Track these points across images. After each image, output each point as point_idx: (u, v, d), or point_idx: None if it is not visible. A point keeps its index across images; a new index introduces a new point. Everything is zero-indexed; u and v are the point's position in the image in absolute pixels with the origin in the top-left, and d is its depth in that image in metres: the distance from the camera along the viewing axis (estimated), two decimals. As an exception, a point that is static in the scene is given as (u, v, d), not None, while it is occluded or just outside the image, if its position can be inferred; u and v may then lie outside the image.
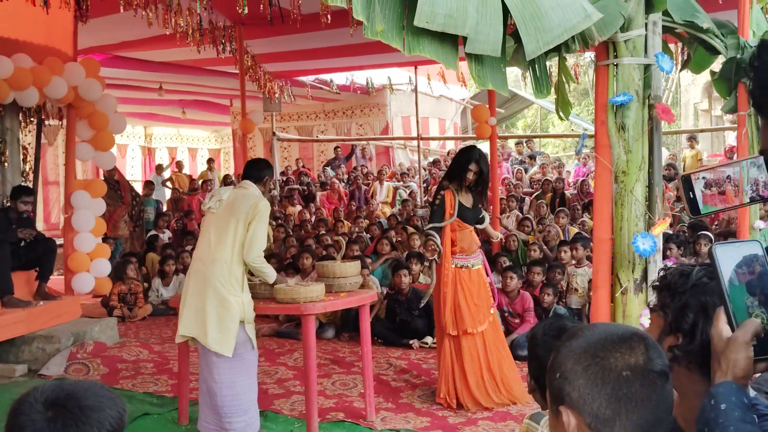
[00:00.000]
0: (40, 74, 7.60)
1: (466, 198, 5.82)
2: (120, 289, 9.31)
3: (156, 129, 22.69)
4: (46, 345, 7.09)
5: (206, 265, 4.83)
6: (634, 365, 1.28)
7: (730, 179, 1.42)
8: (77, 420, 1.46)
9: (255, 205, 4.83)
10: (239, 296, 4.83)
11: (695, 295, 1.53)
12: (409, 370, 6.74)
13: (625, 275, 3.47)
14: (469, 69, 3.05)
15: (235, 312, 4.79)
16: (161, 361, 7.09)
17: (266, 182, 5.12)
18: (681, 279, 1.57)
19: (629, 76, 3.43)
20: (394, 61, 13.05)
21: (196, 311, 4.82)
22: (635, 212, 3.45)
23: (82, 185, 8.63)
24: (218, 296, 4.77)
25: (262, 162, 5.32)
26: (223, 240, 4.80)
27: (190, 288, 4.89)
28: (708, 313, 1.49)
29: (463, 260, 5.78)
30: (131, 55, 11.69)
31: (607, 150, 3.50)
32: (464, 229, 5.79)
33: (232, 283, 4.81)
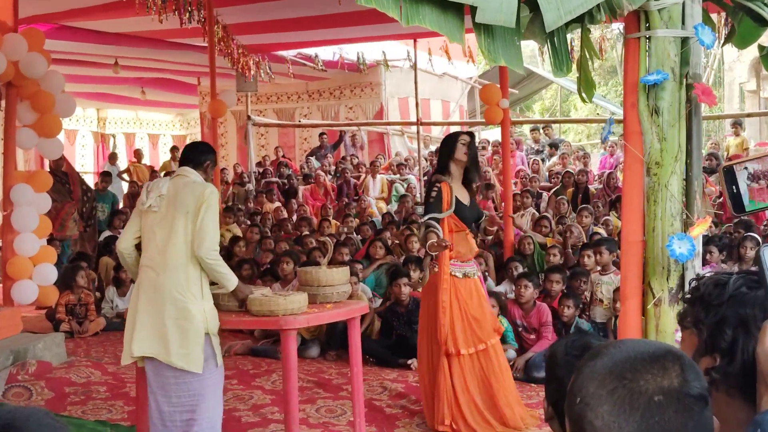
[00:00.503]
0: (-26, 47, 7.57)
1: (463, 194, 5.85)
2: (68, 299, 9.28)
3: (111, 112, 22.65)
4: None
5: (158, 273, 4.77)
6: (668, 388, 1.28)
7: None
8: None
9: (201, 194, 4.78)
10: (200, 304, 4.78)
11: (734, 308, 1.54)
12: (407, 394, 6.75)
13: (658, 284, 3.47)
14: (477, 43, 3.05)
15: (199, 322, 4.74)
16: (116, 384, 7.07)
17: (207, 168, 5.07)
18: (716, 290, 1.57)
19: (664, 52, 3.43)
20: (390, 33, 13.03)
21: (153, 327, 4.75)
22: (670, 210, 3.46)
23: (23, 178, 8.60)
24: (177, 306, 4.71)
25: (202, 145, 5.33)
26: (173, 241, 4.75)
27: (142, 300, 4.82)
28: (749, 328, 1.50)
29: (459, 267, 5.79)
30: (81, 26, 11.66)
31: (638, 137, 3.50)
32: (461, 230, 5.84)
33: (191, 290, 4.76)
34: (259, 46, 13.21)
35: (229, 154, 18.98)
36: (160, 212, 4.85)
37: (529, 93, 23.51)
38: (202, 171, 5.02)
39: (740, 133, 15.55)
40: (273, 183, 15.25)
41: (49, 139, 8.58)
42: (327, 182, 15.10)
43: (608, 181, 12.37)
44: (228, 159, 18.53)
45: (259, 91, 16.09)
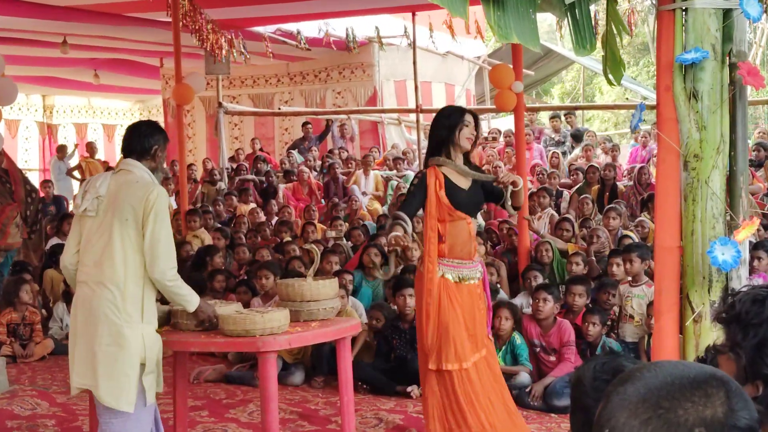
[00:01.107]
0: None
1: (461, 178, 5.61)
2: (10, 318, 9.27)
3: (59, 99, 22.66)
4: None
5: (92, 289, 4.68)
6: (711, 419, 1.28)
7: None
8: None
9: (146, 197, 4.65)
10: (138, 328, 4.69)
11: None
12: (406, 427, 6.76)
13: (698, 296, 3.48)
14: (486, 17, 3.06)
15: (134, 350, 4.65)
16: (66, 417, 7.07)
17: (156, 153, 4.90)
18: (755, 307, 1.58)
19: (703, 26, 3.44)
20: (385, 5, 13.08)
21: (85, 353, 4.70)
22: (712, 210, 3.46)
23: (-44, 176, 8.61)
24: (110, 329, 4.62)
25: (146, 126, 5.10)
26: (109, 253, 4.65)
27: (78, 322, 4.76)
28: None
29: (452, 268, 5.58)
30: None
31: (674, 126, 3.51)
32: (456, 219, 5.55)
33: (127, 310, 4.65)
34: (231, 21, 13.22)
35: (198, 147, 18.99)
36: (97, 217, 4.75)
37: (546, 75, 23.57)
38: (149, 159, 4.89)
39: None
40: (249, 181, 15.25)
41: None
42: (312, 180, 15.11)
43: (640, 177, 12.38)
44: (196, 153, 18.54)
45: (232, 74, 16.13)
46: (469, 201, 5.61)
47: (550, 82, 29.21)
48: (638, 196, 11.93)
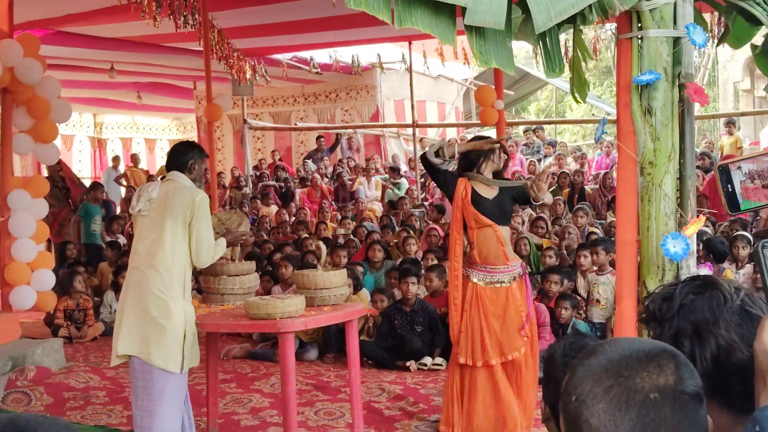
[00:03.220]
0: (-31, 54, 7.57)
1: (487, 189, 5.43)
2: (66, 304, 9.28)
3: (107, 117, 22.64)
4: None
5: (144, 273, 4.86)
6: (664, 386, 1.28)
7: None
8: None
9: (191, 201, 4.83)
10: (181, 303, 4.87)
11: (685, 318, 1.55)
12: (405, 396, 6.75)
13: (653, 283, 3.47)
14: (469, 44, 3.06)
15: (178, 321, 4.82)
16: (115, 389, 7.07)
17: (192, 167, 5.06)
18: (665, 304, 1.59)
19: (656, 52, 3.43)
20: (385, 35, 13.07)
21: (136, 325, 4.84)
22: (664, 209, 3.45)
23: (20, 183, 8.60)
24: (159, 305, 4.80)
25: (183, 146, 5.23)
26: (160, 243, 4.83)
27: (129, 300, 4.91)
28: (702, 335, 1.52)
29: (485, 273, 5.40)
30: (77, 31, 11.66)
31: (632, 137, 3.50)
32: (483, 227, 5.38)
33: (173, 289, 4.84)
34: (254, 50, 13.21)
35: (226, 158, 18.98)
36: (149, 216, 4.93)
37: (524, 94, 23.55)
38: (188, 171, 5.04)
39: (734, 132, 15.58)
40: (270, 186, 15.25)
41: (45, 145, 8.57)
42: (323, 185, 15.10)
43: (604, 182, 12.38)
44: (225, 163, 18.53)
45: (255, 95, 16.13)
46: (493, 209, 5.38)
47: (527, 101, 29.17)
48: (603, 198, 11.94)
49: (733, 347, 1.51)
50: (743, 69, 20.39)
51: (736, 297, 1.56)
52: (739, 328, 1.52)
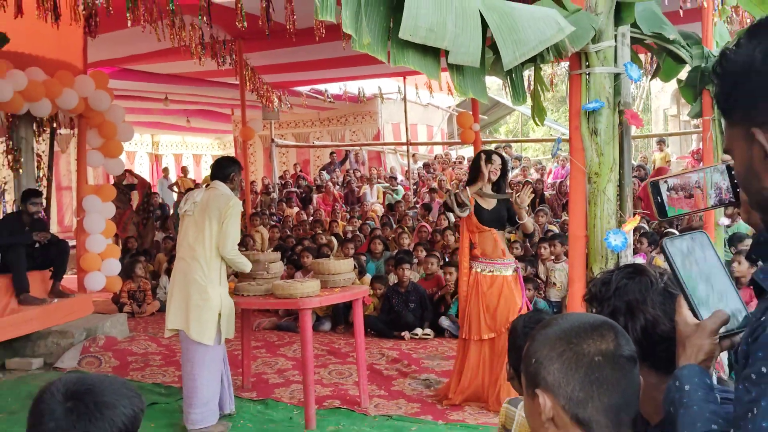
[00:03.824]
0: (52, 86, 7.58)
1: (486, 201, 5.45)
2: (130, 286, 9.29)
3: (162, 137, 22.62)
4: (60, 340, 7.09)
5: (188, 262, 4.90)
6: (605, 351, 1.28)
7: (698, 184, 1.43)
8: (91, 415, 1.46)
9: (226, 204, 4.88)
10: (218, 289, 4.90)
11: (619, 298, 1.56)
12: (401, 359, 6.75)
13: (598, 269, 3.47)
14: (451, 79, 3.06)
15: (214, 303, 4.86)
16: (168, 354, 7.08)
17: (233, 179, 5.10)
18: (604, 287, 1.60)
19: (600, 85, 3.43)
20: (384, 71, 13.04)
21: (180, 305, 4.89)
22: (607, 210, 3.46)
23: (93, 190, 8.60)
24: (199, 289, 4.84)
25: (226, 161, 5.28)
26: (200, 239, 4.86)
27: (176, 285, 4.95)
28: (633, 312, 1.53)
29: (486, 264, 5.42)
30: (138, 68, 11.65)
31: (581, 153, 3.51)
32: (483, 231, 5.41)
33: (211, 276, 4.88)
34: (280, 83, 13.20)
35: (257, 169, 18.96)
36: (193, 216, 4.96)
37: (496, 118, 23.53)
38: (229, 182, 5.07)
39: (664, 149, 15.61)
40: (292, 192, 15.24)
41: (112, 159, 8.58)
42: (335, 191, 15.10)
43: (560, 188, 12.38)
44: (256, 173, 18.51)
45: (281, 119, 16.08)
46: (491, 218, 5.41)
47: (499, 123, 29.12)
48: (559, 202, 11.94)
49: (658, 321, 1.52)
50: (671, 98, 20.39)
51: (660, 281, 1.57)
52: (662, 306, 1.53)
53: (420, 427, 5.03)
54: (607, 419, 1.27)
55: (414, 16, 2.72)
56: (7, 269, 6.98)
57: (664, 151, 15.45)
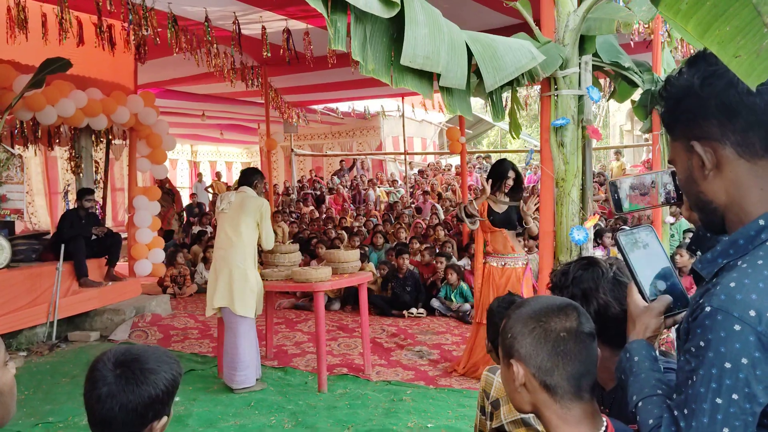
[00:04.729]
0: (107, 104, 7.59)
1: (499, 205, 5.31)
2: (172, 272, 9.29)
3: (200, 147, 22.61)
4: (113, 316, 7.09)
5: (227, 251, 4.95)
6: (569, 328, 1.28)
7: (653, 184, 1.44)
8: (137, 379, 1.47)
9: (260, 207, 4.99)
10: (254, 271, 5.00)
11: (576, 286, 1.57)
12: (398, 334, 6.75)
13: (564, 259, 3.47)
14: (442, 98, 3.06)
15: (253, 283, 4.96)
16: (204, 329, 7.09)
17: (256, 185, 5.17)
18: (563, 277, 1.60)
19: (567, 105, 3.43)
20: (386, 92, 13.05)
21: (225, 285, 4.93)
22: (572, 210, 3.45)
23: (141, 191, 8.61)
24: (240, 271, 4.91)
25: (250, 170, 5.37)
26: (238, 231, 4.94)
27: (218, 270, 4.99)
28: (588, 298, 1.53)
29: (496, 259, 5.30)
30: (180, 89, 11.65)
31: (550, 162, 3.50)
32: (495, 231, 5.29)
33: (248, 262, 4.96)
34: (298, 102, 13.20)
35: (279, 174, 18.95)
36: (229, 213, 5.02)
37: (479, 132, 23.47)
38: (253, 188, 5.15)
39: (620, 159, 15.59)
40: (308, 194, 15.24)
41: (158, 166, 8.59)
42: (344, 193, 15.10)
43: (533, 191, 12.34)
44: (278, 178, 18.51)
45: (299, 132, 16.08)
46: (501, 220, 5.27)
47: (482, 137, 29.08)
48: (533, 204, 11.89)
49: (608, 305, 1.53)
50: (626, 116, 20.37)
51: (610, 270, 1.58)
52: (612, 292, 1.54)
53: (414, 390, 5.04)
54: (569, 385, 1.27)
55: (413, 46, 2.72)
56: (69, 257, 7.00)
57: (620, 161, 15.44)
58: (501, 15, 7.23)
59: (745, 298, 1.05)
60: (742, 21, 1.26)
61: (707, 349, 1.06)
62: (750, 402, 1.03)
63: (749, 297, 1.05)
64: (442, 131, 20.39)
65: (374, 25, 2.75)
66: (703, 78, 1.16)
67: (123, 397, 1.45)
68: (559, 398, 1.27)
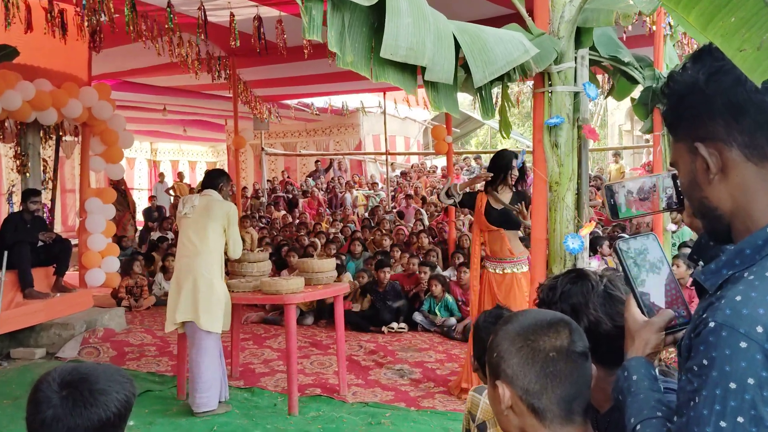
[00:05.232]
0: (58, 97, 7.50)
1: (497, 202, 5.17)
2: (127, 282, 9.19)
3: (160, 144, 22.44)
4: (62, 331, 7.00)
5: (191, 259, 4.91)
6: (559, 347, 1.28)
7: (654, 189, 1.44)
8: (86, 401, 1.45)
9: (228, 212, 4.98)
10: (220, 281, 4.97)
11: (565, 301, 1.57)
12: (377, 351, 6.74)
13: (557, 270, 3.48)
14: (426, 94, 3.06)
15: (220, 294, 4.92)
16: (163, 345, 7.01)
17: (222, 189, 5.17)
18: (551, 292, 1.61)
19: (561, 102, 3.45)
20: (366, 87, 13.06)
21: (189, 297, 4.89)
22: (566, 216, 3.47)
23: (94, 193, 8.52)
24: (205, 281, 4.87)
25: (215, 172, 5.39)
26: (203, 237, 4.92)
27: (180, 279, 4.94)
28: (577, 314, 1.54)
29: (493, 264, 5.19)
30: (138, 81, 11.56)
31: (543, 164, 3.52)
32: (492, 230, 5.16)
33: (214, 271, 4.93)
34: (270, 97, 13.17)
35: (248, 175, 18.88)
36: (193, 218, 4.99)
37: (467, 131, 23.58)
38: (219, 191, 5.15)
39: (619, 161, 15.73)
40: (280, 197, 15.18)
41: (113, 165, 8.51)
42: (320, 196, 15.07)
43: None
44: (247, 179, 18.43)
45: (270, 129, 16.02)
46: (499, 219, 5.14)
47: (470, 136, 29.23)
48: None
49: (600, 322, 1.53)
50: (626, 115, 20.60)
51: (600, 284, 1.58)
52: (603, 307, 1.54)
53: (394, 413, 5.02)
54: (559, 408, 1.27)
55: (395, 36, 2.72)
56: (13, 266, 6.89)
57: (619, 163, 15.58)
58: (491, 4, 7.27)
59: (752, 312, 1.05)
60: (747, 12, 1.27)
61: (711, 367, 1.06)
62: (756, 425, 1.03)
63: (756, 311, 1.05)
64: (426, 130, 20.47)
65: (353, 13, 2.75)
66: (709, 74, 1.17)
67: (70, 420, 1.43)
68: (549, 423, 1.27)
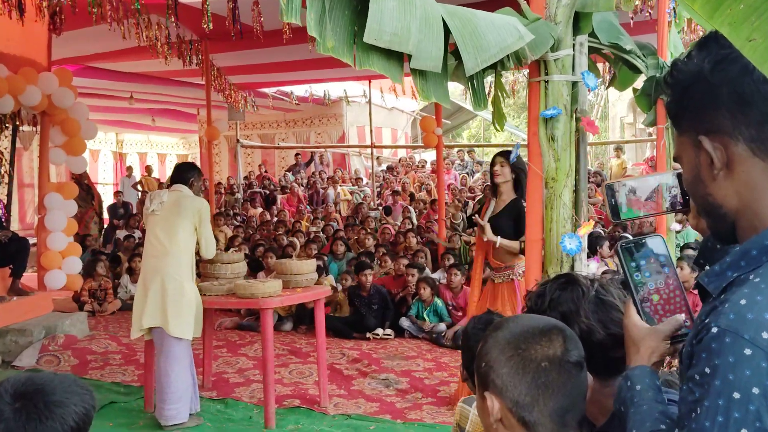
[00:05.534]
0: (15, 83, 7.42)
1: (491, 208, 5.21)
2: (90, 285, 9.13)
3: (127, 135, 22.29)
4: (19, 338, 6.93)
5: (159, 260, 4.88)
6: (552, 356, 1.29)
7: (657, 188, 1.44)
8: (41, 414, 1.44)
9: (200, 209, 4.96)
10: (191, 283, 4.94)
11: (554, 309, 1.58)
12: (361, 359, 6.73)
13: (553, 272, 3.50)
14: (413, 83, 3.06)
15: (191, 297, 4.90)
16: (129, 353, 6.97)
17: (193, 184, 5.15)
18: (539, 299, 1.62)
19: (558, 92, 3.46)
20: (350, 75, 13.05)
21: (156, 301, 4.86)
22: (563, 215, 3.48)
23: (55, 187, 8.44)
24: (175, 284, 4.84)
25: (185, 166, 5.37)
26: (173, 236, 4.88)
27: (147, 282, 4.91)
28: (568, 322, 1.54)
29: (496, 274, 5.19)
30: (103, 66, 11.47)
31: (539, 159, 3.53)
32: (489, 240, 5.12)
33: (184, 273, 4.90)
34: (246, 84, 13.12)
35: (222, 169, 18.80)
36: (162, 215, 4.96)
37: (459, 123, 23.61)
38: (189, 186, 5.12)
39: (620, 156, 15.84)
40: (257, 193, 15.14)
41: (75, 157, 8.44)
42: (300, 192, 15.04)
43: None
44: (221, 174, 18.36)
45: (246, 120, 15.97)
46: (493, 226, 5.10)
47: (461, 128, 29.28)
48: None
49: (592, 330, 1.53)
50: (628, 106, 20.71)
51: (591, 289, 1.59)
52: (595, 314, 1.55)
53: (378, 426, 5.02)
54: (552, 422, 1.27)
55: (378, 20, 2.72)
56: (-36, 266, 6.83)
57: (620, 158, 15.69)
58: (484, -14, 7.29)
59: (758, 317, 1.05)
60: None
61: (713, 376, 1.06)
62: (761, 437, 1.04)
63: (762, 316, 1.05)
64: (415, 121, 20.47)
65: (334, -6, 2.74)
66: (715, 63, 1.17)
67: (23, 435, 1.41)
68: (540, 437, 1.28)
